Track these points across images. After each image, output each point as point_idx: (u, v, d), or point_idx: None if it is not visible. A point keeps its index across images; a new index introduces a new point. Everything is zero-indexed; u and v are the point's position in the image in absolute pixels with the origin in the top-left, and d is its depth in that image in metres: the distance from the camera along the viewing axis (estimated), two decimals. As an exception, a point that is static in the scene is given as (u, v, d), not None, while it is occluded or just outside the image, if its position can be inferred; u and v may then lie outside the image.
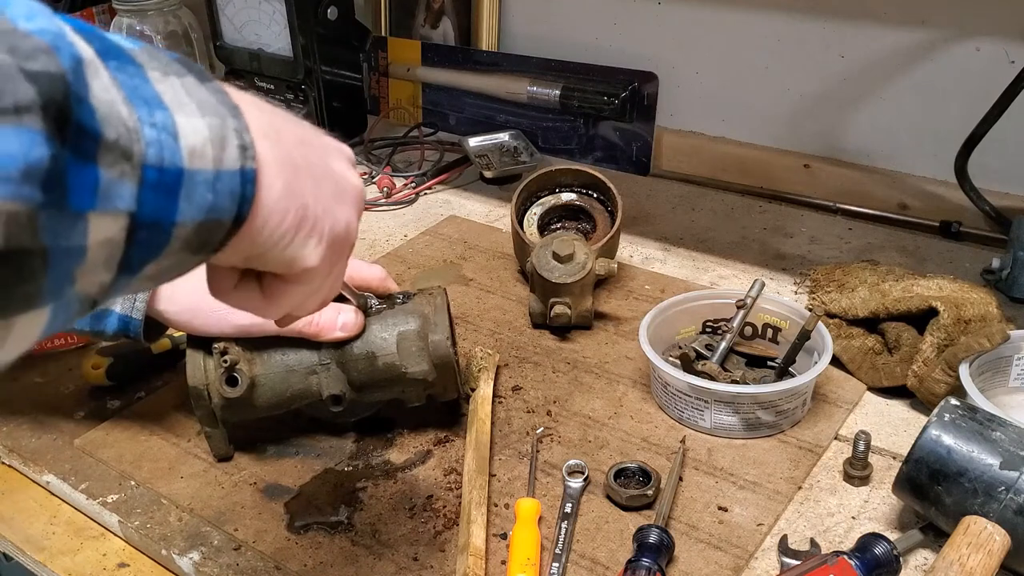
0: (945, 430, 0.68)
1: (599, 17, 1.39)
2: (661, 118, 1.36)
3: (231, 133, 0.40)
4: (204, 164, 0.38)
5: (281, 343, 0.77)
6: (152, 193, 0.36)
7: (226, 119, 0.40)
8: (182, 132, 0.37)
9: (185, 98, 0.38)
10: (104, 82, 0.34)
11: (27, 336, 0.33)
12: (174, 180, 0.37)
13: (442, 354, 0.78)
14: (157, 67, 0.38)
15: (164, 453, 0.84)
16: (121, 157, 0.34)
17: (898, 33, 1.17)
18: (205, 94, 0.39)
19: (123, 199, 0.35)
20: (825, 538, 0.72)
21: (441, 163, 1.41)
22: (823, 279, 1.04)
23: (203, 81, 0.40)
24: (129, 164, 0.35)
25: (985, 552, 0.63)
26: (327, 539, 0.74)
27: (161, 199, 0.36)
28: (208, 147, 0.38)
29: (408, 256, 1.17)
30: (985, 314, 0.86)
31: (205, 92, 0.40)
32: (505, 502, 0.77)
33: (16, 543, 0.78)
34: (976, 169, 1.11)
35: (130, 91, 0.36)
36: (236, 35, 1.43)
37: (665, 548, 0.69)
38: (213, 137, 0.39)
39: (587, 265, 0.96)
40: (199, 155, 0.38)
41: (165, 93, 0.37)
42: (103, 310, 0.74)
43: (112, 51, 0.36)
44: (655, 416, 0.86)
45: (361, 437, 0.85)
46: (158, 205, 0.36)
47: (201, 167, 0.38)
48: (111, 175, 0.34)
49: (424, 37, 1.56)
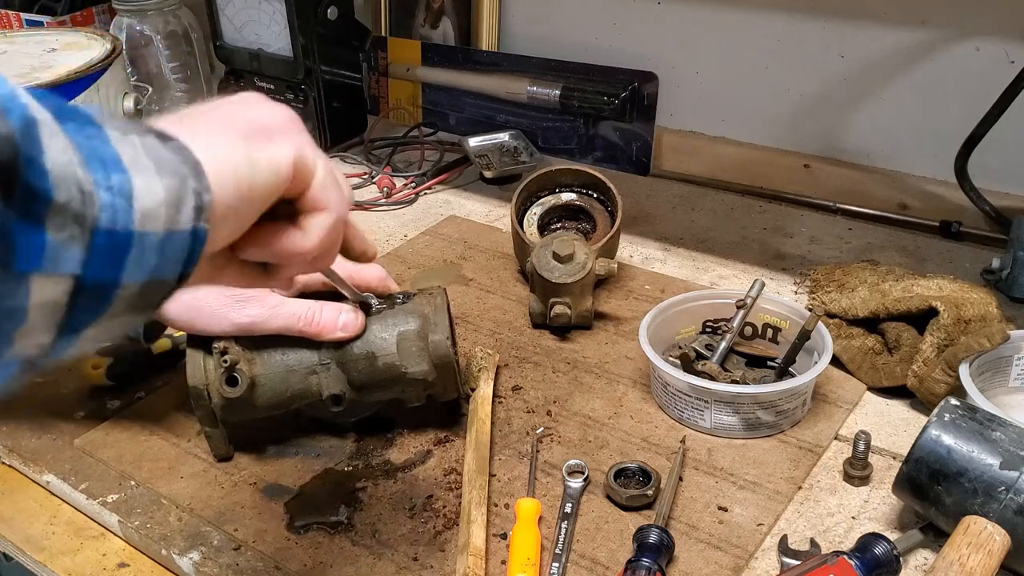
0: (945, 430, 0.68)
1: (599, 17, 1.39)
2: (661, 118, 1.36)
3: (189, 194, 0.39)
4: (155, 226, 0.38)
5: (281, 343, 0.77)
6: (100, 257, 0.35)
7: (186, 179, 0.39)
8: (137, 195, 0.37)
9: (144, 158, 0.38)
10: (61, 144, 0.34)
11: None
12: (123, 244, 0.36)
13: (442, 354, 0.78)
14: (116, 127, 0.38)
15: (164, 453, 0.84)
16: (72, 220, 0.34)
17: (898, 33, 1.17)
18: (166, 153, 0.39)
19: (69, 262, 0.34)
20: (825, 538, 0.72)
21: (441, 163, 1.41)
22: (823, 279, 1.04)
23: (164, 141, 0.40)
24: (80, 228, 0.34)
25: (985, 552, 0.63)
26: (327, 539, 0.74)
27: (108, 263, 0.36)
28: (162, 209, 0.38)
29: (408, 256, 1.17)
30: (985, 314, 0.86)
31: (166, 152, 0.39)
32: (505, 502, 0.77)
33: (16, 543, 0.78)
34: (976, 169, 1.11)
35: (88, 152, 0.35)
36: (236, 35, 1.43)
37: (665, 548, 0.69)
38: (169, 198, 0.38)
39: (587, 265, 0.96)
40: (152, 217, 0.37)
41: (124, 153, 0.37)
42: None
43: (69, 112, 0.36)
44: (655, 416, 0.86)
45: (361, 437, 0.85)
46: (104, 268, 0.36)
47: (152, 229, 0.37)
48: (60, 238, 0.33)
49: (424, 37, 1.56)
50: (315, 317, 0.75)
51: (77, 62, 1.06)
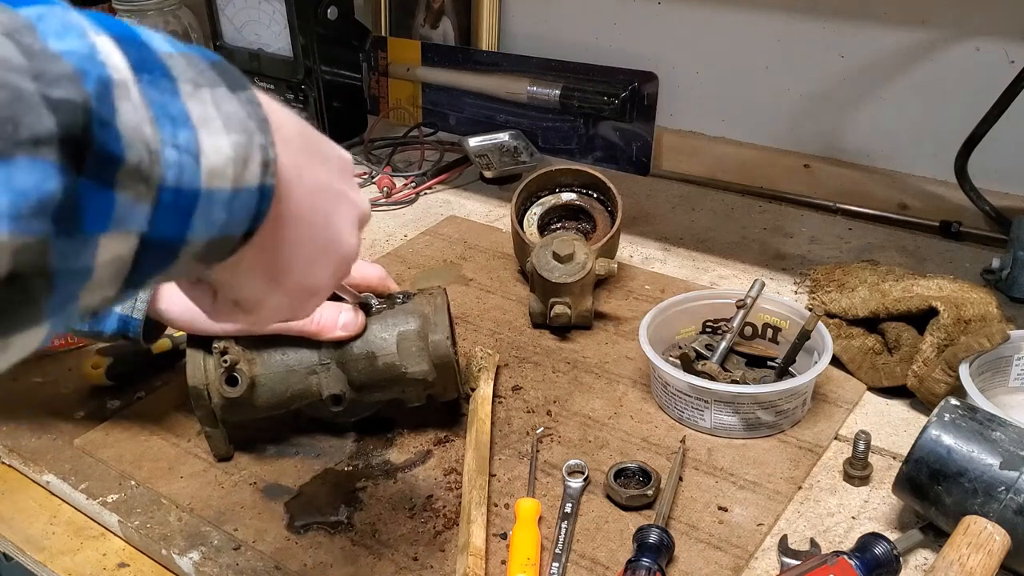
0: (945, 430, 0.68)
1: (599, 17, 1.39)
2: (661, 118, 1.36)
3: (256, 149, 0.39)
4: (223, 184, 0.37)
5: (281, 343, 0.77)
6: (166, 214, 0.35)
7: (253, 135, 0.39)
8: (204, 152, 0.36)
9: (213, 112, 0.37)
10: (133, 103, 0.34)
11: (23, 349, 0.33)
12: (190, 201, 0.36)
13: (442, 354, 0.78)
14: (190, 78, 0.37)
15: (164, 453, 0.84)
16: (139, 180, 0.34)
17: (898, 33, 1.17)
18: (235, 106, 0.39)
19: (136, 221, 0.34)
20: (825, 538, 0.72)
21: (441, 163, 1.41)
22: (823, 279, 1.04)
23: (235, 90, 0.39)
24: (146, 186, 0.34)
25: (985, 552, 0.63)
26: (327, 539, 0.74)
27: (174, 220, 0.36)
28: (229, 166, 0.38)
29: (408, 256, 1.17)
30: (985, 314, 0.86)
31: (235, 104, 0.39)
32: (505, 502, 0.77)
33: (16, 543, 0.78)
34: (976, 169, 1.11)
35: (158, 109, 0.35)
36: (236, 35, 1.43)
37: (665, 548, 0.69)
38: (236, 156, 0.38)
39: (587, 265, 0.96)
40: (219, 175, 0.37)
41: (193, 109, 0.37)
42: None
43: (148, 63, 0.35)
44: (655, 416, 0.86)
45: (361, 437, 0.85)
46: (170, 225, 0.36)
47: (219, 187, 0.37)
48: (127, 198, 0.33)
49: (424, 37, 1.56)
50: (315, 317, 0.75)
51: (77, 62, 1.06)
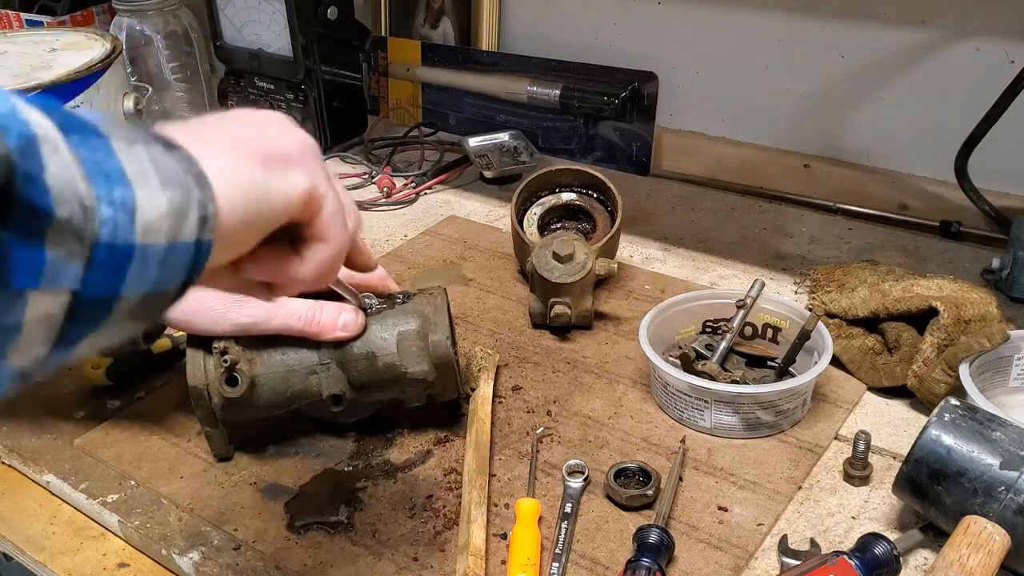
0: (945, 430, 0.68)
1: (599, 17, 1.39)
2: (661, 118, 1.36)
3: (194, 206, 0.39)
4: (158, 239, 0.37)
5: (281, 343, 0.77)
6: (99, 272, 0.35)
7: (191, 190, 0.39)
8: (140, 208, 0.36)
9: (150, 167, 0.37)
10: (63, 159, 0.33)
11: None
12: (124, 257, 0.36)
13: (442, 354, 0.78)
14: (123, 136, 0.37)
15: (164, 453, 0.84)
16: (72, 236, 0.33)
17: (898, 33, 1.17)
18: (171, 163, 0.39)
19: (68, 278, 0.34)
20: (825, 538, 0.72)
21: (441, 163, 1.41)
22: (823, 279, 1.04)
23: (170, 150, 0.39)
24: (79, 243, 0.34)
25: (985, 552, 0.63)
26: (327, 539, 0.74)
27: (108, 277, 0.36)
28: (165, 221, 0.37)
29: (408, 256, 1.17)
30: (985, 314, 0.86)
31: (171, 161, 0.39)
32: (505, 502, 0.77)
33: (16, 543, 0.78)
34: (976, 169, 1.11)
35: (91, 166, 0.35)
36: (236, 35, 1.43)
37: (665, 548, 0.69)
38: (172, 211, 0.38)
39: (587, 265, 0.96)
40: (154, 231, 0.37)
41: (128, 165, 0.36)
42: None
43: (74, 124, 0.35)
44: (655, 416, 0.86)
45: (361, 437, 0.85)
46: (104, 283, 0.36)
47: (154, 242, 0.37)
48: (58, 254, 0.33)
49: (424, 37, 1.56)
50: (315, 317, 0.75)
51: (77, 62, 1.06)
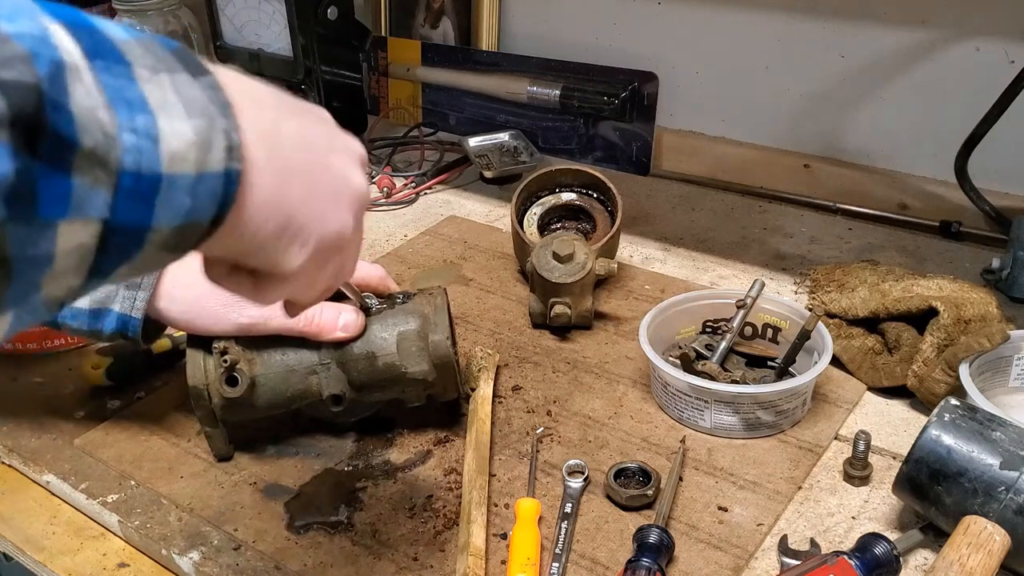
0: (945, 430, 0.68)
1: (599, 17, 1.39)
2: (661, 118, 1.36)
3: (218, 134, 0.38)
4: (185, 168, 0.37)
5: (281, 343, 0.77)
6: (127, 200, 0.35)
7: (215, 119, 0.38)
8: (164, 136, 0.36)
9: (172, 97, 0.37)
10: (86, 87, 0.33)
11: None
12: (151, 186, 0.36)
13: (442, 354, 0.78)
14: (147, 64, 0.37)
15: (164, 453, 0.84)
16: (96, 164, 0.33)
17: (898, 33, 1.17)
18: (196, 91, 0.38)
19: (96, 207, 0.34)
20: (825, 538, 0.72)
21: (441, 163, 1.41)
22: (823, 279, 1.04)
23: (196, 76, 0.39)
24: (104, 171, 0.34)
25: (985, 552, 0.63)
26: (327, 539, 0.74)
27: (136, 205, 0.35)
28: (191, 150, 0.37)
29: (408, 256, 1.17)
30: (985, 314, 0.86)
31: (196, 89, 0.38)
32: (505, 502, 0.77)
33: (16, 543, 0.78)
34: (976, 169, 1.11)
35: (113, 93, 0.34)
36: (236, 35, 1.43)
37: (665, 548, 0.69)
38: (198, 139, 0.37)
39: (587, 265, 0.96)
40: (180, 159, 0.37)
41: (151, 94, 0.36)
42: (102, 309, 0.74)
43: (101, 48, 0.35)
44: (655, 416, 0.86)
45: (361, 437, 0.85)
46: (133, 211, 0.35)
47: (182, 171, 0.37)
48: (84, 183, 0.33)
49: (424, 37, 1.56)
50: (315, 317, 0.75)
51: (77, 62, 1.06)
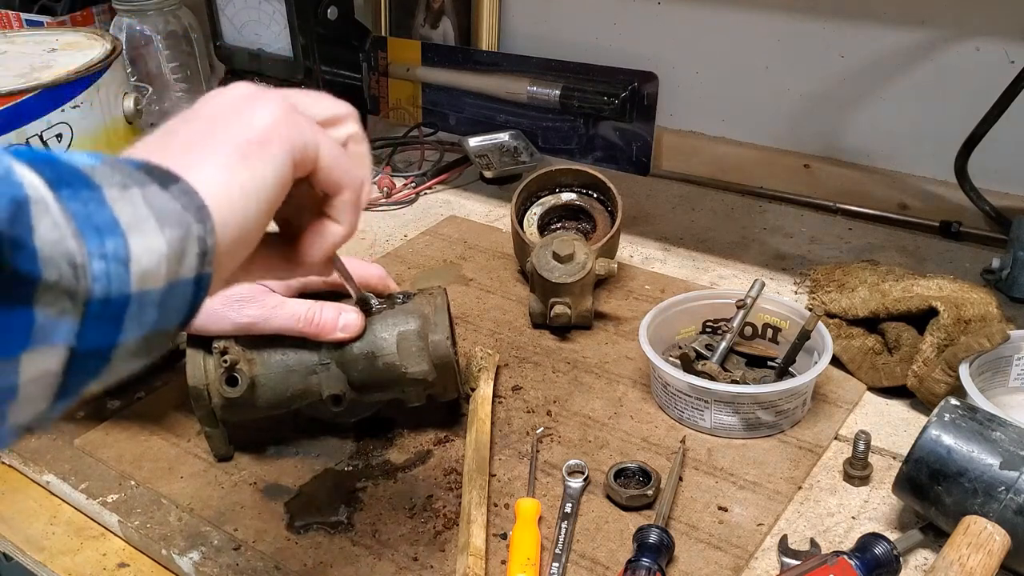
0: (945, 430, 0.68)
1: (599, 17, 1.39)
2: (661, 118, 1.36)
3: (193, 242, 0.38)
4: (155, 283, 0.37)
5: (281, 343, 0.77)
6: (94, 325, 0.35)
7: (190, 227, 0.38)
8: (134, 257, 0.36)
9: (145, 211, 0.37)
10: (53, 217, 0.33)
11: None
12: (120, 307, 0.35)
13: (442, 354, 0.78)
14: (116, 182, 0.36)
15: (164, 453, 0.84)
16: (62, 296, 0.33)
17: (898, 33, 1.17)
18: (169, 202, 0.38)
19: (61, 334, 0.33)
20: (825, 538, 0.72)
21: (441, 163, 1.41)
22: (823, 279, 1.04)
23: (167, 186, 0.38)
24: (71, 302, 0.33)
25: (985, 552, 0.63)
26: (327, 539, 0.74)
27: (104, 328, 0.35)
28: (163, 264, 0.37)
29: (408, 256, 1.17)
30: (985, 314, 0.86)
31: (169, 200, 0.38)
32: (505, 502, 0.77)
33: (16, 543, 0.78)
34: (976, 169, 1.11)
35: (82, 221, 0.34)
36: (236, 35, 1.43)
37: (665, 548, 0.69)
38: (170, 252, 0.37)
39: (587, 265, 0.96)
40: (151, 276, 0.36)
41: (123, 212, 0.36)
42: None
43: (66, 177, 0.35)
44: (655, 416, 0.86)
45: (361, 437, 0.85)
46: (100, 334, 0.35)
47: (152, 287, 0.36)
48: (48, 314, 0.32)
49: (424, 37, 1.56)
50: (315, 317, 0.75)
51: (77, 62, 1.06)
